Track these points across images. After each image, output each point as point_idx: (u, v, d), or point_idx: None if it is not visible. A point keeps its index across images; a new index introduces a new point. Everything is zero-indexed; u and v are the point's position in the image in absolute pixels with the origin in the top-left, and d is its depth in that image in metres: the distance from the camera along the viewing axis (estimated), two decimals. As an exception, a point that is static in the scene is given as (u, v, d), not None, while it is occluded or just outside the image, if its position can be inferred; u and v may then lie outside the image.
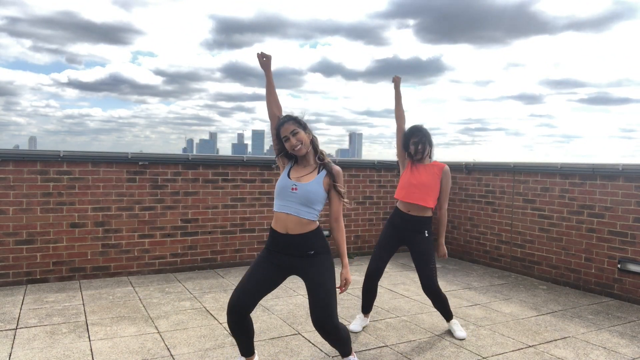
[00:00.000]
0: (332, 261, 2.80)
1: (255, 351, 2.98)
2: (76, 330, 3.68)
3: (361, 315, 3.94)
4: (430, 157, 3.79)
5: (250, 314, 2.77)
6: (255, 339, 3.54)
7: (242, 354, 2.92)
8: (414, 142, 3.71)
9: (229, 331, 2.85)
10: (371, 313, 4.21)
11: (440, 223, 3.78)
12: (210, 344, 3.47)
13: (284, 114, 2.90)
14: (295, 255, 2.73)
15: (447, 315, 3.85)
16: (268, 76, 3.02)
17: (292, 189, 2.70)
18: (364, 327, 3.89)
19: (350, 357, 2.94)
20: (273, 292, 4.79)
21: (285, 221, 2.71)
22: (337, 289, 2.78)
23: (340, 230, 2.84)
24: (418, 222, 3.69)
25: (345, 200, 2.86)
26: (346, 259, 2.84)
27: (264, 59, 3.02)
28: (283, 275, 2.81)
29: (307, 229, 2.72)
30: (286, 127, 2.74)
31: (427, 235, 3.69)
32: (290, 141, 2.73)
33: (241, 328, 2.77)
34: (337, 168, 2.81)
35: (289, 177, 2.76)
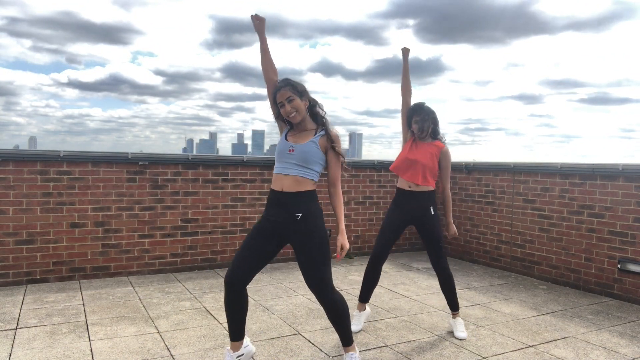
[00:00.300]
0: (322, 230, 2.76)
1: (246, 334, 2.98)
2: (76, 330, 3.68)
3: (357, 312, 3.89)
4: (433, 136, 3.79)
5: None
6: (255, 339, 3.55)
7: (234, 338, 2.88)
8: (416, 120, 3.71)
9: (225, 309, 2.83)
10: (371, 313, 4.21)
11: (446, 202, 3.83)
12: (210, 344, 3.47)
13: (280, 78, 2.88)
14: (285, 216, 2.73)
15: (454, 304, 3.81)
16: (262, 39, 3.00)
17: (290, 150, 2.74)
18: (364, 325, 3.88)
19: (353, 353, 2.94)
20: (273, 292, 4.82)
21: (283, 180, 2.75)
22: (332, 256, 2.76)
23: (337, 195, 2.81)
24: (421, 196, 3.71)
25: (345, 160, 2.84)
26: (343, 225, 2.78)
27: (258, 22, 3.01)
28: (277, 244, 2.81)
29: (301, 188, 2.73)
30: (282, 93, 2.74)
31: (432, 212, 3.73)
32: (285, 108, 2.74)
33: (238, 303, 2.78)
34: (335, 130, 2.82)
35: (287, 140, 2.79)
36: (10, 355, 3.20)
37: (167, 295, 4.66)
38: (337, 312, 2.82)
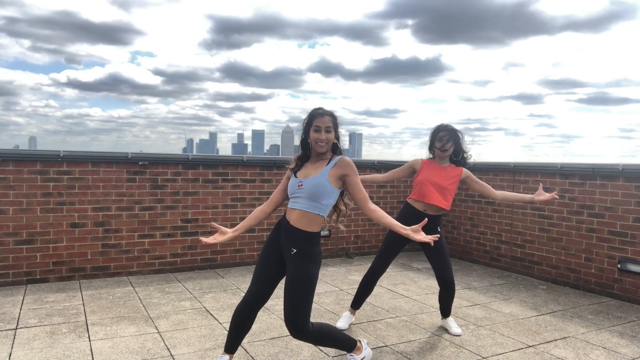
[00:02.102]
0: (309, 274, 2.68)
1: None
2: (76, 330, 3.68)
3: (347, 313, 3.94)
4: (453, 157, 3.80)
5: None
6: (255, 339, 3.55)
7: (229, 351, 2.87)
8: (441, 137, 3.72)
9: (230, 323, 2.83)
10: (371, 313, 4.21)
11: (509, 196, 3.87)
12: (210, 344, 3.46)
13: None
14: (284, 242, 2.76)
15: (447, 310, 3.86)
16: (245, 228, 2.88)
17: (299, 185, 2.73)
18: (363, 325, 3.90)
19: (354, 355, 2.95)
20: (274, 293, 4.81)
21: (291, 213, 2.76)
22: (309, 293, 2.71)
23: (374, 211, 2.77)
24: (435, 220, 3.72)
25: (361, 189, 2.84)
26: (397, 226, 2.72)
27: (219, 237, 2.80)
28: (282, 259, 2.83)
29: (306, 227, 2.71)
30: (324, 120, 2.73)
31: (440, 230, 3.76)
32: (321, 135, 2.71)
33: (244, 323, 2.80)
34: (345, 158, 2.78)
35: (296, 176, 2.79)
36: (10, 355, 3.20)
37: (167, 295, 4.66)
38: (320, 341, 2.83)
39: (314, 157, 2.81)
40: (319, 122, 2.73)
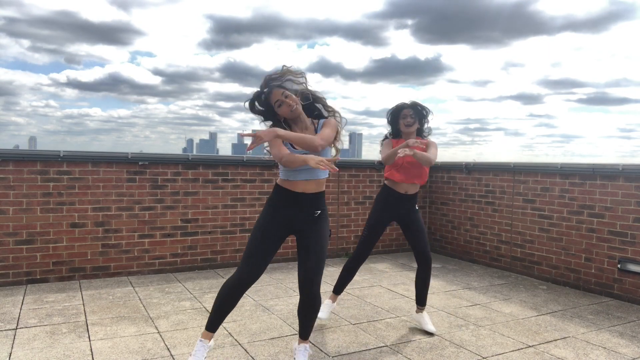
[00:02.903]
0: (329, 226, 2.91)
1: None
2: (76, 330, 3.68)
3: (329, 301, 3.96)
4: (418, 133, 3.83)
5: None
6: (255, 339, 3.55)
7: (211, 329, 2.85)
8: (405, 114, 3.74)
9: (219, 303, 2.79)
10: (371, 313, 4.20)
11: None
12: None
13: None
14: (304, 212, 2.78)
15: (424, 298, 3.89)
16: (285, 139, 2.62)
17: None
18: (363, 325, 3.89)
19: (307, 345, 2.96)
20: (273, 292, 4.82)
21: (305, 185, 2.74)
22: None
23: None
24: (413, 199, 3.82)
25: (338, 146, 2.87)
26: (284, 132, 2.56)
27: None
28: (286, 235, 2.84)
29: (321, 189, 2.81)
30: (275, 93, 2.69)
31: (417, 208, 3.86)
32: (286, 104, 2.67)
33: (236, 302, 2.80)
34: (330, 119, 2.82)
35: (295, 148, 2.68)
36: (10, 355, 3.20)
37: (167, 295, 4.66)
38: (316, 308, 2.89)
39: (294, 123, 2.79)
40: (274, 97, 2.68)
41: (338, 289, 3.98)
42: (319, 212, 2.83)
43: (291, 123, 2.80)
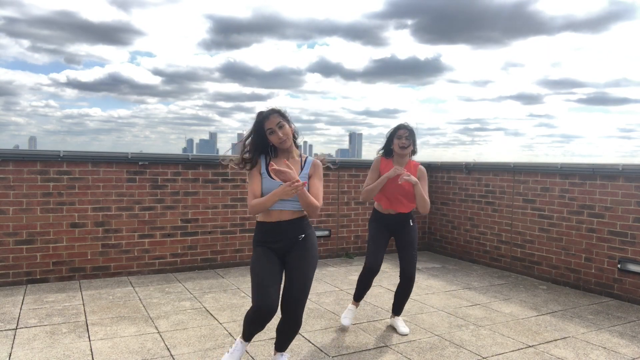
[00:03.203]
0: (316, 250, 2.87)
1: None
2: (76, 330, 3.68)
3: (352, 306, 3.93)
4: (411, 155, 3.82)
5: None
6: (255, 339, 3.55)
7: (247, 339, 2.90)
8: (400, 135, 3.69)
9: (248, 325, 2.80)
10: (371, 313, 4.21)
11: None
12: (210, 344, 3.46)
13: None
14: (286, 239, 2.78)
15: (400, 308, 3.88)
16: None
17: None
18: (364, 325, 3.89)
19: (286, 354, 2.97)
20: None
21: (280, 215, 2.76)
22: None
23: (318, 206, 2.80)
24: (404, 216, 3.77)
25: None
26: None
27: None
28: (281, 260, 2.83)
29: (296, 216, 2.79)
30: (272, 120, 2.72)
31: (412, 223, 3.79)
32: (277, 134, 2.71)
33: (264, 327, 2.78)
34: (317, 161, 2.86)
35: (273, 179, 2.69)
36: (10, 355, 3.20)
37: (167, 295, 4.66)
38: (297, 329, 2.84)
39: (281, 154, 2.81)
40: (269, 124, 2.72)
41: (358, 297, 3.90)
42: (303, 235, 2.81)
43: (279, 151, 2.81)
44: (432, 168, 7.23)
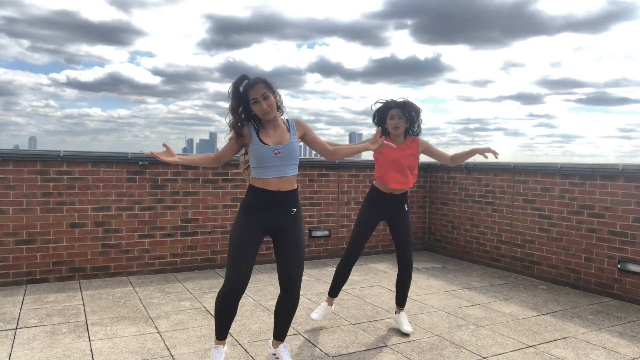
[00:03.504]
0: (303, 225, 2.92)
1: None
2: (76, 330, 3.68)
3: (325, 303, 3.91)
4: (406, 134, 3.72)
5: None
6: (255, 339, 3.55)
7: (221, 337, 2.86)
8: (392, 115, 3.61)
9: (218, 314, 2.79)
10: (371, 313, 4.20)
11: (459, 156, 3.68)
12: (210, 344, 3.46)
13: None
14: (281, 210, 2.78)
15: (403, 299, 3.86)
16: (189, 163, 2.97)
17: (275, 153, 2.71)
18: (363, 325, 3.89)
19: (285, 344, 3.00)
20: (273, 292, 4.82)
21: (278, 183, 2.74)
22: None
23: (336, 151, 3.02)
24: (400, 197, 3.73)
25: None
26: (358, 146, 3.16)
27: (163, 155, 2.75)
28: (263, 236, 2.83)
29: (294, 186, 2.82)
30: (257, 90, 2.68)
31: (406, 208, 3.77)
32: (261, 105, 2.69)
33: (234, 309, 2.78)
34: (298, 119, 2.91)
35: (264, 143, 2.72)
36: (10, 355, 3.20)
37: (167, 295, 4.66)
38: (295, 307, 2.88)
39: (267, 125, 2.79)
40: (254, 93, 2.69)
41: (333, 292, 3.90)
42: (295, 210, 2.83)
43: (264, 120, 2.79)
44: (432, 168, 7.24)
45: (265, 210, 2.76)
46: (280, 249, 2.82)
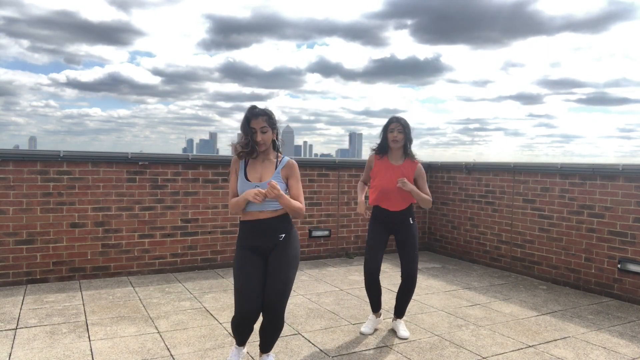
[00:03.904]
0: (297, 250, 2.89)
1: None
2: (76, 330, 3.68)
3: (372, 315, 3.86)
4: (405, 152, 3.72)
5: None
6: (255, 339, 3.54)
7: (240, 344, 2.99)
8: (392, 128, 3.66)
9: (237, 331, 2.89)
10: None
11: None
12: (210, 344, 3.47)
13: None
14: (266, 239, 2.81)
15: (403, 310, 3.83)
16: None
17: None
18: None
19: (271, 354, 3.00)
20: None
21: (258, 214, 2.81)
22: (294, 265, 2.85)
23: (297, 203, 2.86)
24: (401, 214, 3.70)
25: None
26: (287, 199, 2.78)
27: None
28: (261, 259, 2.85)
29: (278, 214, 2.82)
30: (258, 122, 2.77)
31: (412, 222, 3.72)
32: (257, 136, 2.77)
33: (251, 329, 2.88)
34: (292, 161, 2.90)
35: (248, 179, 2.83)
36: (10, 355, 3.20)
37: (167, 295, 4.66)
38: (279, 328, 2.87)
39: (258, 155, 2.86)
40: (254, 123, 2.78)
41: (375, 307, 3.84)
42: (283, 235, 2.84)
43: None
44: (432, 168, 7.24)
45: (250, 238, 2.84)
46: (268, 274, 2.82)
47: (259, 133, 2.77)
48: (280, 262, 2.79)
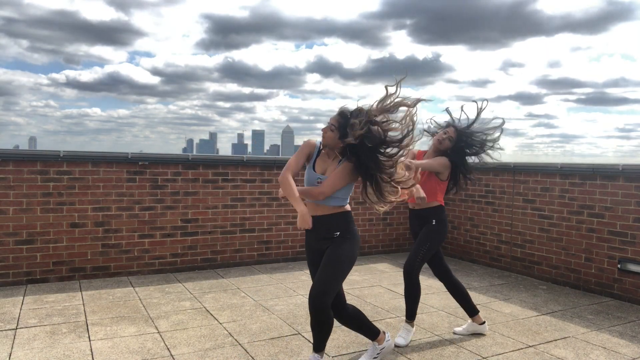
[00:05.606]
0: (354, 250, 2.87)
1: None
2: (76, 330, 3.68)
3: (406, 324, 3.68)
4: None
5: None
6: (255, 339, 3.55)
7: (317, 350, 2.88)
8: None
9: (313, 332, 2.84)
10: (371, 313, 4.20)
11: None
12: (210, 344, 3.47)
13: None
14: (322, 235, 2.85)
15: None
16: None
17: (318, 182, 2.85)
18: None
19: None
20: (273, 292, 4.82)
21: (315, 208, 2.86)
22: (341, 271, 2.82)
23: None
24: (423, 213, 3.66)
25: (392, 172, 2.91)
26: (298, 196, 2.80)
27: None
28: (321, 256, 2.89)
29: (333, 211, 2.87)
30: (331, 119, 2.84)
31: (434, 223, 3.62)
32: (324, 131, 2.84)
33: (331, 323, 2.81)
34: (344, 162, 2.88)
35: (314, 170, 2.88)
36: (10, 355, 3.20)
37: (167, 295, 4.66)
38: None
39: (331, 150, 2.91)
40: (331, 119, 2.85)
41: (409, 314, 3.68)
42: (338, 233, 2.85)
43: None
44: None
45: (307, 233, 2.93)
46: (318, 268, 2.86)
47: (327, 129, 2.82)
48: (328, 259, 2.80)
